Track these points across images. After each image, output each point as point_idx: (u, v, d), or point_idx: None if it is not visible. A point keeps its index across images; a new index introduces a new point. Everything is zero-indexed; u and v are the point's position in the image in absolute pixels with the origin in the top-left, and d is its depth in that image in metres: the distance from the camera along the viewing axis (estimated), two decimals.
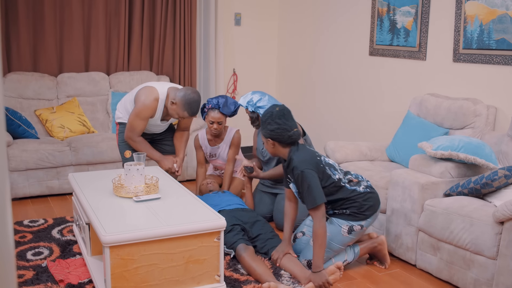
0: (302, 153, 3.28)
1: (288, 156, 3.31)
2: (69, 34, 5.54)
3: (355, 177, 3.42)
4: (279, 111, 3.30)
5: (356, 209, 3.33)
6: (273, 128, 3.26)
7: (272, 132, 3.27)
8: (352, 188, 3.35)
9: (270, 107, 3.36)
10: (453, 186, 3.42)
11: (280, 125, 3.25)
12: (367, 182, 3.44)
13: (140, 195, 3.22)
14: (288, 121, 3.29)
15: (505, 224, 2.88)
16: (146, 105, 3.92)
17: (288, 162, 3.32)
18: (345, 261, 3.45)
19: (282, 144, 3.30)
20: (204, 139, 4.48)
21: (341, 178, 3.34)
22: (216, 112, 4.25)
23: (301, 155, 3.27)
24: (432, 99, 4.26)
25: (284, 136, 3.26)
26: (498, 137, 3.77)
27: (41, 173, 4.81)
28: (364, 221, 3.36)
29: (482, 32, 4.04)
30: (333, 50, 5.73)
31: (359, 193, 3.34)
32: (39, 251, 3.61)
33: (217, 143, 4.45)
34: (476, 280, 3.05)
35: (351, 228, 3.34)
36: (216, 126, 4.28)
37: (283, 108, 3.33)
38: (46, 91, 5.36)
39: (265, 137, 3.32)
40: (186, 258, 2.80)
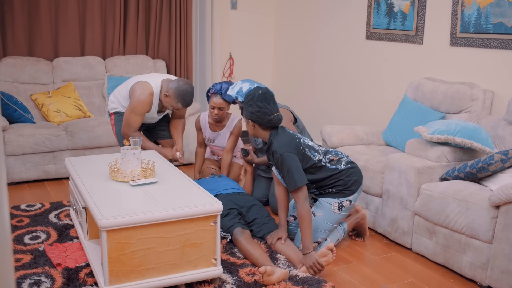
0: (282, 136, 3.31)
1: (268, 140, 3.34)
2: (64, 18, 5.50)
3: (334, 154, 3.47)
4: (261, 94, 3.31)
5: (341, 186, 3.41)
6: (254, 111, 3.28)
7: (253, 114, 3.29)
8: (333, 167, 3.40)
9: (253, 89, 3.36)
10: (449, 170, 3.43)
11: (261, 108, 3.27)
12: (347, 158, 3.49)
13: (136, 179, 3.22)
14: (269, 105, 3.29)
15: (500, 208, 2.90)
16: (141, 101, 3.96)
17: (268, 145, 3.35)
18: (337, 240, 3.54)
19: (261, 127, 3.33)
20: (205, 122, 4.47)
21: (321, 159, 3.39)
22: (218, 97, 4.24)
23: (281, 138, 3.29)
24: (428, 83, 4.25)
25: (264, 119, 3.28)
26: (495, 121, 3.78)
27: (37, 157, 4.81)
28: (351, 196, 3.44)
29: (480, 15, 4.02)
30: (330, 34, 5.70)
31: (340, 171, 3.40)
32: (36, 235, 3.62)
33: (218, 129, 4.44)
34: (472, 264, 3.07)
35: (341, 204, 3.42)
36: (217, 112, 4.27)
37: (266, 92, 3.33)
38: (42, 76, 5.33)
39: (246, 118, 3.36)
40: (183, 242, 2.80)
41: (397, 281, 3.16)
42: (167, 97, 3.96)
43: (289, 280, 3.04)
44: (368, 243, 3.70)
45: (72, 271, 3.08)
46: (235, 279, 3.05)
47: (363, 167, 3.84)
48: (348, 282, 3.13)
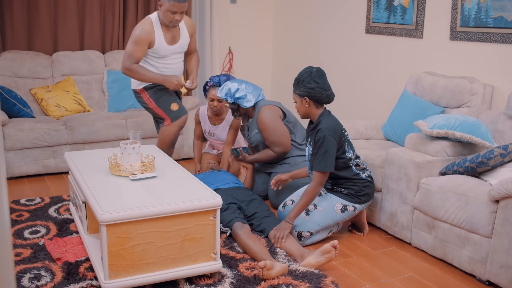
0: (331, 120, 3.44)
1: (318, 119, 3.45)
2: (63, 12, 5.49)
3: (362, 164, 3.60)
4: (318, 71, 3.42)
5: (354, 191, 3.52)
6: (313, 87, 3.37)
7: (311, 90, 3.37)
8: (356, 172, 3.53)
9: (307, 67, 3.45)
10: (449, 164, 3.43)
11: (319, 83, 3.39)
12: (369, 172, 3.62)
13: (136, 173, 3.22)
14: (326, 81, 3.43)
15: (500, 203, 2.90)
16: (140, 29, 3.90)
17: (315, 124, 3.45)
18: (330, 232, 3.61)
19: (317, 103, 3.42)
20: (205, 116, 4.47)
21: (351, 158, 3.52)
22: (216, 89, 4.24)
23: (330, 121, 3.42)
24: (428, 77, 4.25)
25: (323, 94, 3.39)
26: (495, 116, 3.77)
27: (37, 152, 4.80)
28: (358, 204, 3.53)
29: (480, 9, 4.02)
30: (330, 28, 5.69)
31: (360, 179, 3.53)
32: (36, 230, 3.62)
33: (217, 123, 4.44)
34: (471, 258, 3.08)
35: (345, 207, 3.50)
36: (216, 104, 4.27)
37: (320, 69, 3.44)
38: (41, 70, 5.33)
39: (301, 96, 3.42)
40: (182, 236, 2.81)
41: (396, 276, 3.16)
42: (161, 6, 3.87)
43: (288, 274, 3.05)
44: (368, 238, 3.71)
45: (72, 265, 3.09)
46: (235, 273, 3.06)
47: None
48: (347, 277, 3.13)
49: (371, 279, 3.11)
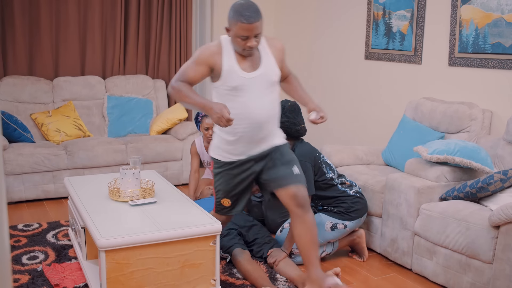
0: (304, 146, 3.57)
1: (291, 148, 3.52)
2: (65, 38, 5.53)
3: (348, 181, 3.69)
4: (291, 106, 3.55)
5: (343, 209, 3.57)
6: (283, 121, 3.47)
7: (282, 124, 3.44)
8: (343, 189, 3.60)
9: (282, 101, 3.55)
10: (449, 190, 3.43)
11: (290, 118, 3.51)
12: (358, 188, 3.68)
13: (135, 199, 3.21)
14: (298, 117, 3.56)
15: (501, 228, 2.89)
16: (204, 47, 2.98)
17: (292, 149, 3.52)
18: (323, 252, 3.63)
19: (288, 137, 3.48)
20: (201, 146, 4.47)
21: (333, 178, 3.61)
22: (209, 118, 4.25)
23: (303, 148, 3.55)
24: (427, 103, 4.27)
25: (292, 129, 3.53)
26: (494, 141, 3.78)
27: (36, 177, 4.80)
28: (348, 221, 3.57)
29: (478, 36, 4.05)
30: (329, 54, 5.73)
31: (348, 195, 3.60)
32: (34, 255, 3.60)
33: None
34: (472, 284, 3.05)
35: (335, 225, 3.55)
36: (212, 133, 4.28)
37: (294, 104, 3.57)
38: (42, 95, 5.35)
39: None
40: (182, 262, 2.79)
41: None
42: (229, 30, 2.88)
43: None
44: (368, 264, 3.68)
45: None
46: None
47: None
48: None
49: None
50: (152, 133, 5.56)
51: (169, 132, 5.63)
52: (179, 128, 5.50)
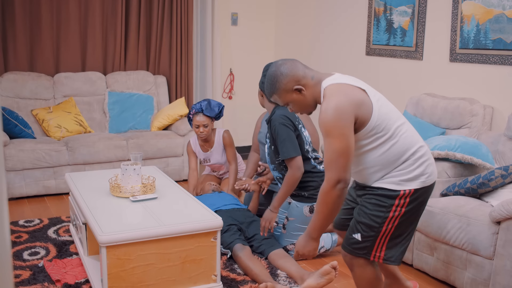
0: (285, 111, 3.47)
1: (272, 111, 3.52)
2: (65, 34, 5.53)
3: (320, 157, 3.68)
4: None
5: (313, 189, 3.55)
6: (263, 81, 3.50)
7: (262, 84, 3.53)
8: (314, 164, 3.59)
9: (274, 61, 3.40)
10: (450, 186, 3.43)
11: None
12: None
13: (136, 195, 3.22)
14: None
15: (501, 224, 2.89)
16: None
17: (270, 115, 3.51)
18: (322, 248, 3.64)
19: (267, 98, 3.47)
20: (196, 145, 4.47)
21: (309, 151, 3.59)
22: (200, 115, 4.25)
23: (284, 112, 3.46)
24: (428, 99, 4.26)
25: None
26: (495, 137, 3.78)
27: (37, 172, 4.80)
28: None
29: (479, 32, 4.04)
30: (330, 50, 5.73)
31: (319, 171, 3.57)
32: (35, 251, 3.61)
33: (209, 148, 4.45)
34: (473, 280, 3.05)
35: (312, 207, 3.57)
36: (202, 130, 4.27)
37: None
38: (43, 91, 5.35)
39: (259, 86, 3.61)
40: (183, 258, 2.79)
41: None
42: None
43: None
44: None
45: (71, 287, 3.07)
46: None
47: None
48: None
49: None
50: (153, 129, 5.56)
51: (170, 128, 5.63)
52: (180, 124, 5.50)
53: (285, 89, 2.40)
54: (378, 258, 2.43)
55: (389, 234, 2.39)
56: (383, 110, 2.34)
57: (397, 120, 2.37)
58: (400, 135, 2.34)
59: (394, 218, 2.37)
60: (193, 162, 4.48)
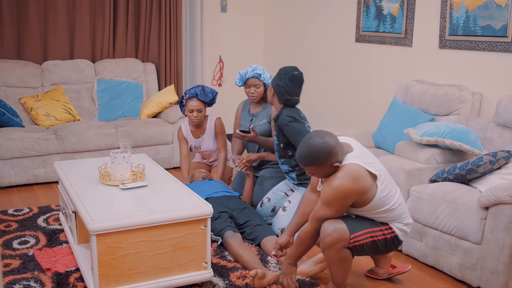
0: (293, 111, 3.64)
1: (280, 110, 3.67)
2: (53, 21, 5.48)
3: None
4: (296, 76, 3.64)
5: None
6: (280, 84, 3.61)
7: (278, 86, 3.62)
8: None
9: (292, 67, 3.70)
10: (439, 172, 3.45)
11: (286, 86, 3.61)
12: None
13: (126, 183, 3.21)
14: (294, 88, 3.64)
15: (489, 210, 2.91)
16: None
17: (277, 115, 3.67)
18: None
19: (279, 99, 3.66)
20: (188, 131, 4.47)
21: None
22: (194, 100, 4.25)
23: (291, 112, 3.62)
24: (418, 85, 4.28)
25: (284, 96, 3.63)
26: (483, 123, 3.80)
27: (26, 161, 4.78)
28: None
29: (468, 18, 4.05)
30: (320, 37, 5.72)
31: None
32: (25, 240, 3.60)
33: (201, 135, 4.45)
34: (461, 265, 3.08)
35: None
36: (196, 114, 4.27)
37: (299, 76, 3.67)
38: (31, 79, 5.31)
39: (272, 86, 3.68)
40: (173, 245, 2.80)
41: (387, 284, 3.16)
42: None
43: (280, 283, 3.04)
44: None
45: (62, 275, 3.07)
46: (226, 282, 3.05)
47: None
48: None
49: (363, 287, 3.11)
50: (142, 116, 5.54)
51: (159, 116, 5.61)
52: (170, 112, 5.48)
53: (327, 164, 2.60)
54: None
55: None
56: (384, 194, 2.70)
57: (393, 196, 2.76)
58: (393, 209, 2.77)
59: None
60: (184, 148, 4.48)
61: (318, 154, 2.55)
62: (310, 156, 2.57)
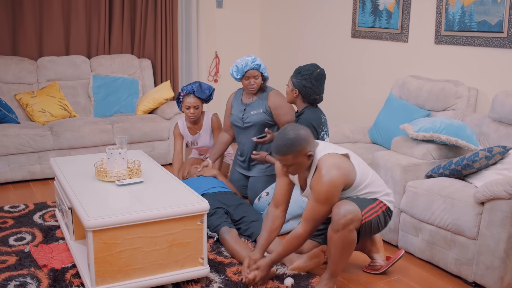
0: (314, 114, 3.66)
1: (302, 110, 3.69)
2: (49, 17, 5.46)
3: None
4: (320, 74, 3.63)
5: None
6: (307, 85, 3.60)
7: (304, 87, 3.61)
8: None
9: (313, 65, 3.68)
10: (435, 167, 3.46)
11: (313, 85, 3.61)
12: None
13: (122, 179, 3.21)
14: (321, 86, 3.66)
15: (485, 205, 2.92)
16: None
17: (299, 114, 3.71)
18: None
19: (304, 100, 3.67)
20: (185, 128, 4.46)
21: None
22: (191, 97, 4.25)
23: (312, 115, 3.65)
24: (414, 81, 4.28)
25: (311, 96, 3.64)
26: (479, 118, 3.81)
27: (22, 158, 4.76)
28: None
29: (464, 14, 4.05)
30: (316, 32, 5.71)
31: None
32: (21, 237, 3.59)
33: (197, 131, 4.44)
34: (457, 260, 3.09)
35: None
36: (193, 111, 4.27)
37: (323, 73, 3.67)
38: (26, 75, 5.29)
39: (294, 86, 3.66)
40: (170, 241, 2.80)
41: (383, 279, 3.17)
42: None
43: (276, 278, 3.04)
44: None
45: (58, 272, 3.06)
46: (223, 278, 3.05)
47: None
48: None
49: (358, 283, 3.12)
50: (138, 112, 5.53)
51: (155, 112, 5.60)
52: (166, 108, 5.47)
53: (303, 152, 2.73)
54: None
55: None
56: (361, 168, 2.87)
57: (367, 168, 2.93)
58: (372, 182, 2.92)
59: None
60: (178, 145, 4.48)
61: (294, 142, 2.69)
62: (287, 144, 2.70)
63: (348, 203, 2.78)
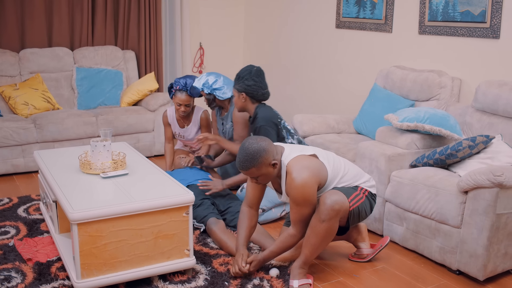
0: (266, 110, 3.71)
1: (254, 112, 3.72)
2: (31, 8, 5.39)
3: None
4: (257, 70, 3.71)
5: None
6: (250, 84, 3.66)
7: (248, 87, 3.66)
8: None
9: (248, 66, 3.76)
10: (419, 157, 3.48)
11: (256, 82, 3.68)
12: None
13: (107, 171, 3.19)
14: (263, 81, 3.73)
15: (469, 194, 2.95)
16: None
17: (253, 117, 3.73)
18: (283, 211, 3.84)
19: (253, 99, 3.72)
20: (173, 118, 4.44)
21: (293, 143, 3.69)
22: (184, 94, 4.21)
23: (265, 112, 3.69)
24: (398, 71, 4.30)
25: (259, 92, 3.69)
26: (463, 108, 3.84)
27: (5, 151, 4.72)
28: None
29: (447, 4, 4.07)
30: (300, 23, 5.71)
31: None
32: (5, 231, 3.56)
33: (186, 124, 4.43)
34: (441, 249, 3.12)
35: None
36: (184, 109, 4.25)
37: (260, 69, 3.73)
38: (8, 68, 5.23)
39: (239, 91, 3.71)
40: (155, 233, 2.79)
41: (368, 268, 3.19)
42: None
43: (261, 269, 3.05)
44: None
45: (43, 265, 3.05)
46: (209, 269, 3.05)
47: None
48: (321, 271, 3.15)
49: (344, 272, 3.14)
50: (122, 104, 5.50)
51: (140, 104, 5.57)
52: (150, 99, 5.44)
53: (266, 163, 2.75)
54: None
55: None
56: (331, 164, 2.90)
57: (338, 162, 2.96)
58: (347, 172, 2.96)
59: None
60: (168, 132, 4.46)
61: (255, 155, 2.71)
62: (248, 158, 2.72)
63: (335, 193, 2.80)
